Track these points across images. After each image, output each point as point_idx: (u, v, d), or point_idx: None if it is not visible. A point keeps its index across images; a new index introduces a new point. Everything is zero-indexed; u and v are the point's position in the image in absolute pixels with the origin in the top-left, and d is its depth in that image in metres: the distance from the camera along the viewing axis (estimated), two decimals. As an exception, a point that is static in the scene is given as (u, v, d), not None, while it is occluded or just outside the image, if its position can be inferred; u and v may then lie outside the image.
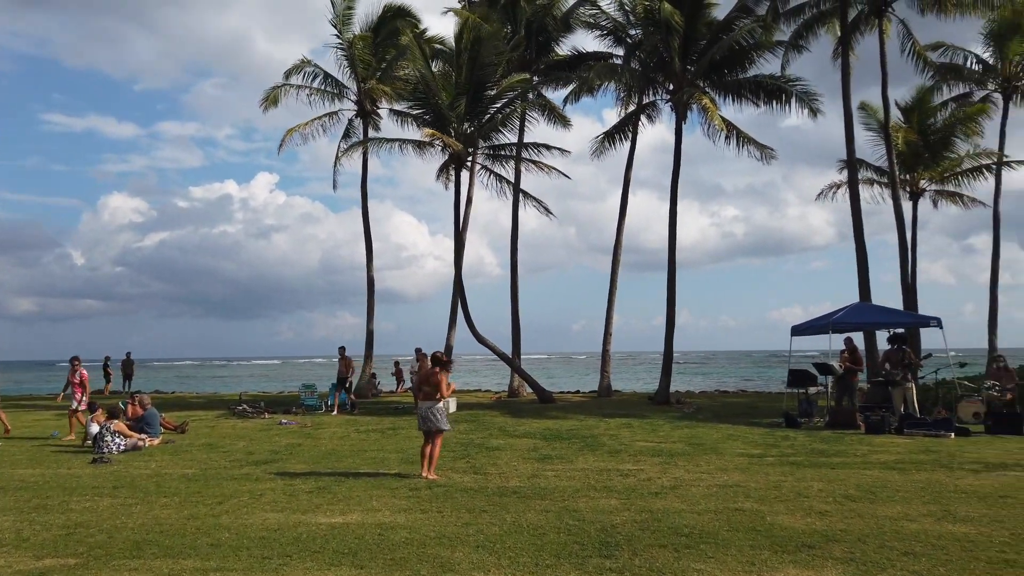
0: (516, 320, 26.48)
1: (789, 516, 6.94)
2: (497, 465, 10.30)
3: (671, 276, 22.18)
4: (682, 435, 13.78)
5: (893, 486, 8.40)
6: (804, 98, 20.84)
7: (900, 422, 13.82)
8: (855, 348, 16.13)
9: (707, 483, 8.72)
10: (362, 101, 25.91)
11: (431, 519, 7.02)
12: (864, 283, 21.25)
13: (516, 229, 26.94)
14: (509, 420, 17.08)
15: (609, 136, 23.80)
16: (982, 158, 26.78)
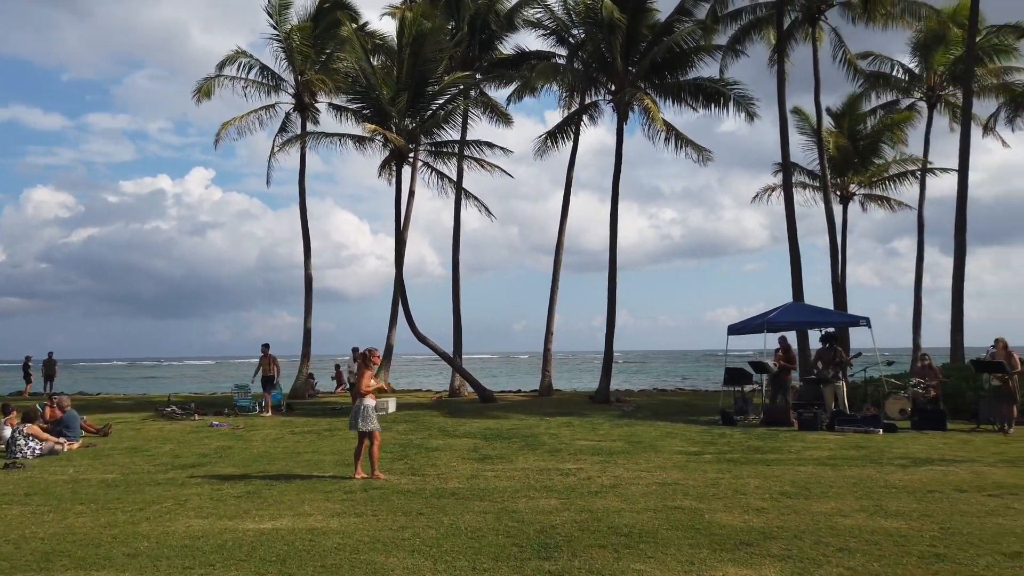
0: (457, 319, 26.24)
1: (727, 514, 6.95)
2: (436, 466, 10.10)
3: (611, 277, 22.32)
4: (621, 433, 13.81)
5: (826, 482, 8.54)
6: (741, 102, 21.25)
7: (831, 419, 14.16)
8: (789, 347, 16.49)
9: (646, 481, 8.71)
10: (300, 94, 25.25)
11: (365, 523, 6.78)
12: (797, 283, 21.80)
13: (458, 228, 26.71)
14: (449, 420, 16.86)
15: (552, 136, 23.83)
16: (908, 164, 27.84)
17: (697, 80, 21.56)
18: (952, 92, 28.19)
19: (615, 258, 22.24)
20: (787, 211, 22.09)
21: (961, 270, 20.02)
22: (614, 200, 22.22)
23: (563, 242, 25.62)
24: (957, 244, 20.09)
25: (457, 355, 25.99)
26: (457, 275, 26.63)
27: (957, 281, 20.08)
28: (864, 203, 28.94)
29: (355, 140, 21.50)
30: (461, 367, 23.21)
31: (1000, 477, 8.75)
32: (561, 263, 25.61)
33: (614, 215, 22.28)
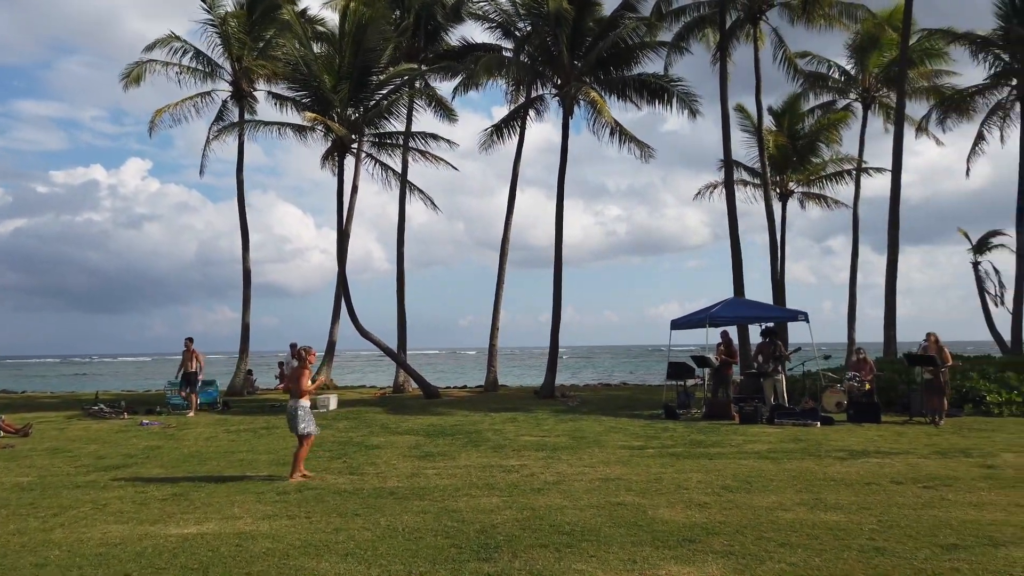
0: (402, 315, 25.84)
1: (670, 509, 6.88)
2: (375, 464, 9.81)
3: (557, 272, 22.27)
4: (566, 428, 13.73)
5: (767, 476, 8.58)
6: (685, 99, 21.40)
7: (771, 412, 14.35)
8: (730, 341, 16.67)
9: (590, 477, 8.60)
10: (237, 81, 24.45)
11: (298, 526, 6.47)
12: (738, 279, 22.12)
13: (403, 221, 26.32)
14: (392, 417, 16.54)
15: (498, 130, 23.60)
16: (844, 163, 28.56)
17: (642, 76, 21.63)
18: (886, 94, 29.03)
19: (560, 254, 22.20)
20: (729, 208, 22.40)
21: (894, 266, 20.61)
22: (559, 195, 22.17)
23: (509, 237, 25.45)
24: (890, 241, 20.66)
25: (402, 351, 25.60)
26: (402, 270, 26.25)
27: (890, 277, 20.66)
28: (803, 201, 29.60)
29: (295, 129, 20.86)
30: (405, 363, 22.85)
31: (933, 469, 8.93)
32: (507, 259, 25.45)
33: (560, 210, 22.24)
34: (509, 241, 25.41)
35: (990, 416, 15.21)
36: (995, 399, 15.56)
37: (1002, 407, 15.37)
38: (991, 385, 16.00)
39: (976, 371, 16.81)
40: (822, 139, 27.67)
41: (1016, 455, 9.96)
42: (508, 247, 25.43)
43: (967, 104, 23.85)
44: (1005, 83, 23.12)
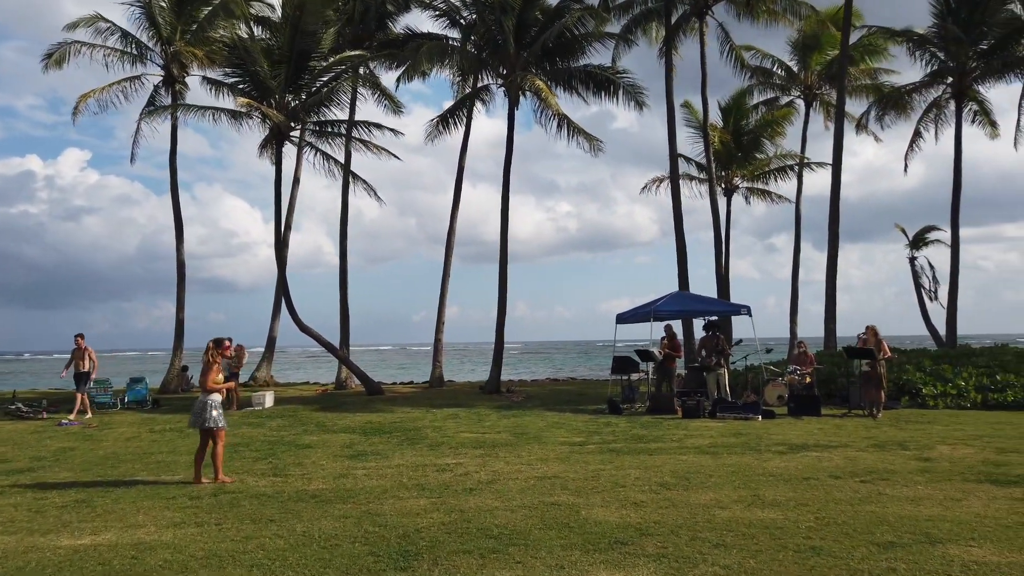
0: (345, 310, 25.17)
1: (604, 509, 6.60)
2: (303, 465, 9.32)
3: (503, 267, 21.93)
4: (508, 425, 13.42)
5: (706, 471, 8.38)
6: (631, 91, 21.27)
7: (713, 406, 14.29)
8: (674, 335, 16.58)
9: (526, 475, 8.28)
10: (168, 66, 23.41)
11: (205, 534, 5.98)
12: (683, 273, 22.12)
13: (346, 213, 25.58)
14: (330, 415, 15.98)
15: (443, 121, 23.10)
16: (787, 159, 28.92)
17: (588, 67, 21.41)
18: (827, 91, 29.49)
19: (506, 248, 21.88)
20: (674, 202, 22.38)
21: (834, 261, 20.88)
22: (505, 188, 21.83)
23: (455, 231, 25.04)
24: (831, 236, 20.92)
25: (344, 347, 24.94)
26: (345, 264, 25.55)
27: (830, 272, 20.92)
28: (748, 196, 29.88)
29: (230, 116, 20.01)
30: (347, 359, 22.24)
31: (871, 462, 8.87)
32: (453, 253, 25.01)
33: (505, 203, 21.91)
34: (455, 235, 25.02)
35: (926, 408, 15.45)
36: (931, 391, 15.81)
37: (937, 399, 15.62)
38: (927, 377, 16.26)
39: (912, 364, 17.09)
40: (765, 135, 27.94)
41: (951, 447, 10.01)
42: (454, 241, 25.04)
43: (904, 102, 24.31)
44: (941, 82, 23.63)
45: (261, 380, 26.94)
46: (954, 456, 9.23)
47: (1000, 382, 15.60)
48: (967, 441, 10.56)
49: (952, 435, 11.24)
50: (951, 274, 22.53)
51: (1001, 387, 15.48)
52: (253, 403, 17.91)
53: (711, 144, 26.58)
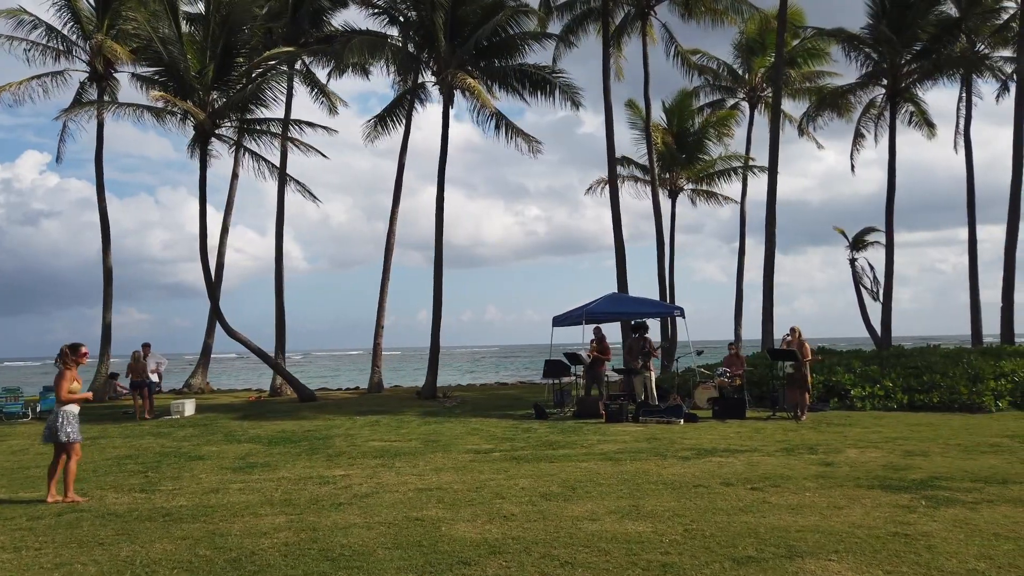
0: (280, 316, 24.52)
1: (469, 524, 6.19)
2: (180, 479, 8.76)
3: (437, 270, 21.50)
4: (424, 432, 12.97)
5: (599, 479, 8.03)
6: (567, 91, 21.01)
7: (636, 410, 14.00)
8: (603, 337, 16.27)
9: (409, 487, 7.85)
10: (93, 61, 22.56)
11: (16, 561, 5.44)
12: (622, 274, 21.88)
13: (282, 213, 24.95)
14: (246, 423, 15.38)
15: (381, 120, 22.57)
16: (731, 161, 28.90)
17: (522, 66, 21.09)
18: (771, 94, 29.56)
19: (440, 251, 21.45)
20: (612, 203, 22.13)
21: (771, 262, 20.80)
22: (440, 189, 21.40)
23: (394, 232, 24.49)
24: (767, 236, 20.85)
25: (279, 352, 24.31)
26: (280, 267, 24.91)
27: (767, 273, 20.84)
28: (693, 198, 29.81)
29: (153, 113, 19.24)
30: (279, 365, 21.58)
31: (771, 467, 8.60)
32: (392, 256, 24.51)
33: (440, 204, 21.46)
34: (395, 237, 24.50)
35: (853, 410, 15.35)
36: (859, 393, 15.72)
37: (864, 401, 15.54)
38: (855, 379, 16.19)
39: (842, 366, 17.01)
40: (710, 137, 27.88)
41: (860, 451, 9.82)
42: (394, 243, 24.51)
43: (841, 103, 24.41)
44: (877, 83, 23.77)
45: (196, 387, 26.12)
46: (858, 460, 9.01)
47: (926, 383, 15.57)
48: (879, 444, 10.39)
49: (867, 438, 11.07)
50: (885, 274, 22.63)
51: (927, 388, 15.45)
52: (171, 411, 17.20)
53: (655, 145, 26.47)
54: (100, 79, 22.96)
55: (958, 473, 7.95)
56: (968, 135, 24.99)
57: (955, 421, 13.20)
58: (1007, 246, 20.07)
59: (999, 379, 15.33)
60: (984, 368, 15.76)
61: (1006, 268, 19.98)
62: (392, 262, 23.66)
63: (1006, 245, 20.08)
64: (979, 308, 23.36)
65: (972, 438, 10.79)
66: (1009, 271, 20.00)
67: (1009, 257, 19.99)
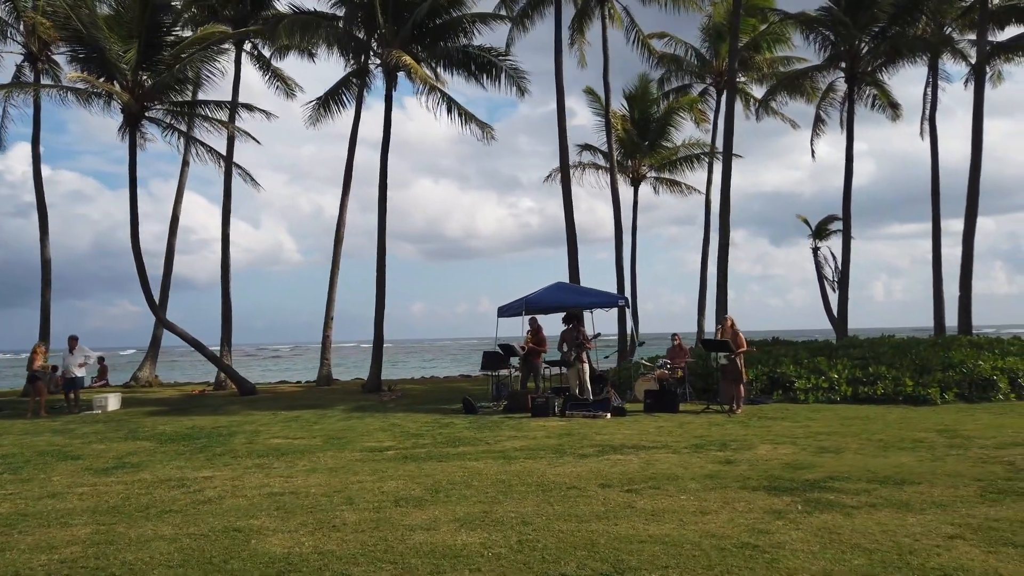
0: (227, 308, 23.82)
1: (288, 535, 5.55)
2: (31, 482, 8.09)
3: (381, 261, 20.80)
4: (335, 428, 12.33)
5: (474, 480, 7.41)
6: (513, 75, 20.30)
7: (564, 403, 13.40)
8: (539, 328, 15.63)
9: (265, 491, 7.20)
10: (28, 43, 21.73)
11: None
12: (573, 264, 21.22)
13: (228, 201, 24.21)
14: (163, 419, 14.69)
15: (325, 104, 21.79)
16: (695, 149, 28.28)
17: (467, 48, 20.35)
18: (739, 79, 28.90)
19: (384, 242, 20.76)
20: (564, 191, 21.45)
21: (725, 251, 20.21)
22: (382, 176, 20.69)
23: (344, 222, 23.84)
24: (721, 225, 20.26)
25: (225, 344, 23.62)
26: (227, 256, 24.18)
27: (722, 263, 20.25)
28: (656, 186, 29.19)
29: (78, 95, 18.42)
30: (215, 357, 20.85)
31: (666, 466, 7.99)
32: (342, 246, 23.85)
33: (383, 193, 20.74)
34: (345, 224, 23.83)
35: (796, 402, 14.81)
36: (803, 385, 15.18)
37: (808, 393, 14.99)
38: (800, 370, 15.64)
39: (789, 356, 16.47)
40: (672, 123, 27.24)
41: (774, 447, 9.23)
42: (343, 233, 23.86)
43: (804, 85, 23.79)
44: (836, 67, 23.14)
45: (143, 380, 25.44)
46: (763, 458, 8.41)
47: (872, 375, 15.03)
48: (798, 439, 9.80)
49: (791, 433, 10.49)
50: (841, 263, 22.08)
51: (872, 380, 14.91)
52: (93, 406, 16.52)
53: (614, 132, 25.83)
54: (35, 60, 22.14)
55: (859, 472, 7.35)
56: (934, 121, 24.45)
57: (894, 414, 12.66)
58: (965, 235, 19.54)
59: (947, 370, 14.79)
60: (932, 359, 15.24)
61: (964, 258, 19.44)
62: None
63: (964, 234, 19.55)
64: (942, 299, 22.88)
65: (900, 432, 10.23)
66: (967, 261, 19.47)
67: (967, 246, 19.45)
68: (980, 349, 16.06)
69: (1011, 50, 25.92)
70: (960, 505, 5.91)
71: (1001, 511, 5.68)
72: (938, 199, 23.40)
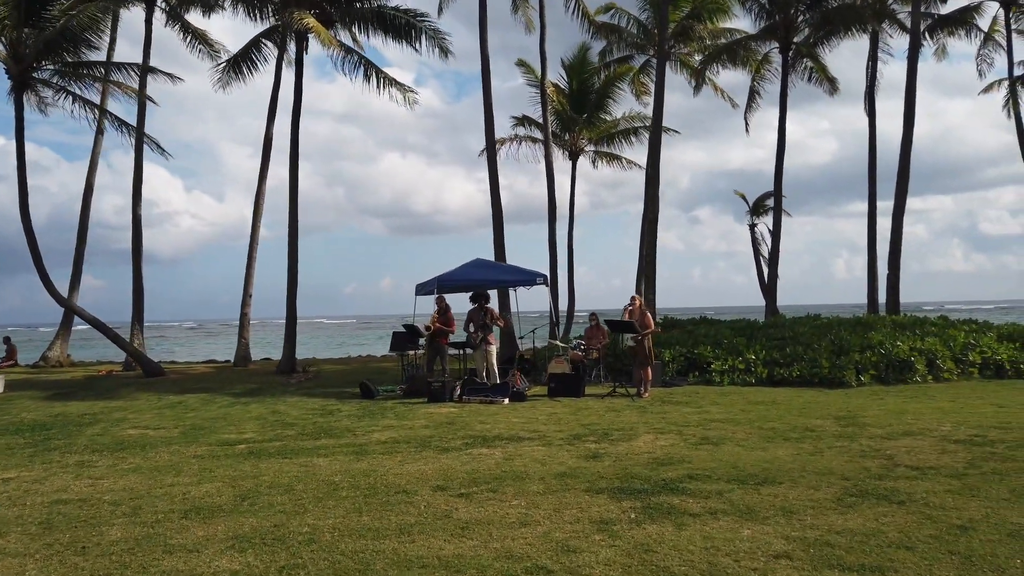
0: (138, 283, 22.58)
1: (11, 562, 4.69)
2: None
3: (292, 237, 19.71)
4: (210, 416, 11.44)
5: (298, 485, 6.59)
6: (434, 36, 19.24)
7: (462, 388, 12.64)
8: (447, 308, 14.78)
9: (51, 499, 6.29)
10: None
11: None
12: (499, 241, 20.35)
13: (140, 172, 22.86)
14: (35, 405, 13.62)
15: (234, 67, 20.47)
16: (635, 122, 27.50)
17: (380, 8, 19.20)
18: (682, 49, 28.13)
19: (296, 217, 19.66)
20: (489, 165, 20.52)
21: (654, 225, 19.57)
22: (293, 147, 19.54)
23: (263, 193, 22.64)
24: (647, 198, 19.57)
25: (136, 323, 22.42)
26: (139, 231, 22.88)
27: (650, 238, 19.62)
28: (595, 160, 28.38)
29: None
30: (118, 337, 19.63)
31: (523, 464, 7.25)
32: (260, 221, 22.70)
33: (294, 165, 19.63)
34: (264, 196, 22.66)
35: (712, 385, 14.27)
36: (719, 367, 14.63)
37: (724, 375, 14.45)
38: (719, 352, 15.09)
39: (709, 337, 15.91)
40: (611, 95, 26.39)
41: (656, 436, 8.59)
42: (263, 207, 22.69)
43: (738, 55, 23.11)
44: (772, 37, 22.48)
45: (53, 360, 24.10)
46: (637, 451, 7.74)
47: (788, 356, 14.53)
48: (687, 428, 9.17)
49: (685, 419, 9.88)
50: (773, 242, 21.61)
51: (789, 361, 14.41)
52: (-32, 390, 15.35)
53: (550, 103, 24.92)
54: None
55: (725, 470, 6.70)
56: (873, 96, 24.01)
57: (803, 398, 12.15)
58: (895, 212, 19.13)
59: (865, 352, 14.33)
60: (851, 340, 14.77)
61: (893, 236, 19.04)
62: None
63: (894, 212, 19.14)
64: (876, 277, 22.58)
65: (796, 420, 9.66)
66: (896, 239, 19.07)
67: (897, 223, 19.05)
68: (903, 329, 15.67)
69: (954, 23, 25.58)
70: (810, 512, 5.26)
71: (849, 520, 5.04)
72: (875, 176, 23.01)
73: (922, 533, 4.72)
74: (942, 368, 14.09)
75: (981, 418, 9.41)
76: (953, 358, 14.38)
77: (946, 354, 14.32)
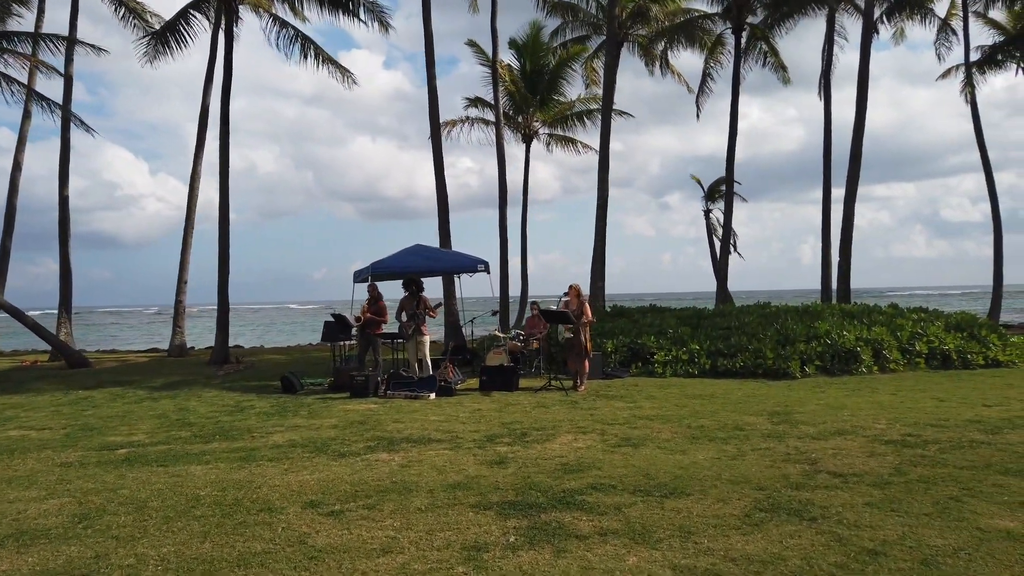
0: (65, 268, 21.49)
1: None
2: None
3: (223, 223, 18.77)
4: (109, 413, 10.63)
5: (154, 500, 5.86)
6: (372, 9, 18.37)
7: (386, 382, 11.94)
8: (378, 296, 14.00)
9: None
10: None
11: None
12: (444, 226, 19.63)
13: (67, 151, 21.68)
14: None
15: (160, 40, 19.32)
16: (590, 103, 26.85)
17: (315, -23, 18.28)
18: (639, 31, 27.50)
19: (227, 201, 18.71)
20: (434, 146, 19.72)
21: (604, 211, 19.00)
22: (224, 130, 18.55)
23: (199, 174, 21.63)
24: (600, 184, 18.98)
25: (64, 310, 21.34)
26: (66, 214, 21.73)
27: (600, 224, 19.06)
28: (549, 143, 27.71)
29: None
30: (37, 325, 18.55)
31: (418, 473, 6.59)
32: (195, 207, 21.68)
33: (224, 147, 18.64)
34: (199, 178, 21.64)
35: (654, 376, 13.75)
36: (662, 358, 14.11)
37: (666, 366, 13.93)
38: (662, 342, 14.56)
39: (653, 327, 15.38)
40: (564, 76, 25.69)
41: (576, 437, 8.00)
42: (198, 190, 21.68)
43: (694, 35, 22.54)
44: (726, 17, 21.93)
45: None
46: (550, 455, 7.12)
47: (733, 346, 14.05)
48: (612, 426, 8.59)
49: (615, 417, 9.30)
50: (724, 228, 21.15)
51: (733, 352, 13.94)
52: None
53: (502, 83, 24.17)
54: None
55: (635, 477, 6.11)
56: (828, 81, 23.61)
57: (743, 390, 11.68)
58: (847, 199, 18.77)
59: (810, 342, 13.91)
60: (797, 330, 14.35)
61: (844, 222, 18.68)
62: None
63: (845, 199, 18.78)
64: (829, 264, 22.26)
65: (730, 416, 9.13)
66: (847, 226, 18.71)
67: (848, 210, 18.68)
68: (851, 318, 15.29)
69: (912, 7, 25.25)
70: (709, 533, 4.67)
71: (751, 543, 4.45)
72: (829, 163, 22.65)
73: (827, 560, 4.16)
74: (888, 359, 13.74)
75: (919, 414, 8.97)
76: (900, 348, 14.03)
77: (893, 344, 13.96)
